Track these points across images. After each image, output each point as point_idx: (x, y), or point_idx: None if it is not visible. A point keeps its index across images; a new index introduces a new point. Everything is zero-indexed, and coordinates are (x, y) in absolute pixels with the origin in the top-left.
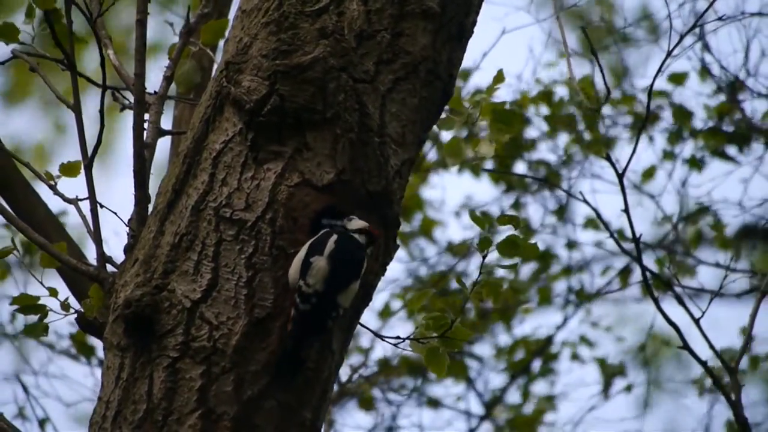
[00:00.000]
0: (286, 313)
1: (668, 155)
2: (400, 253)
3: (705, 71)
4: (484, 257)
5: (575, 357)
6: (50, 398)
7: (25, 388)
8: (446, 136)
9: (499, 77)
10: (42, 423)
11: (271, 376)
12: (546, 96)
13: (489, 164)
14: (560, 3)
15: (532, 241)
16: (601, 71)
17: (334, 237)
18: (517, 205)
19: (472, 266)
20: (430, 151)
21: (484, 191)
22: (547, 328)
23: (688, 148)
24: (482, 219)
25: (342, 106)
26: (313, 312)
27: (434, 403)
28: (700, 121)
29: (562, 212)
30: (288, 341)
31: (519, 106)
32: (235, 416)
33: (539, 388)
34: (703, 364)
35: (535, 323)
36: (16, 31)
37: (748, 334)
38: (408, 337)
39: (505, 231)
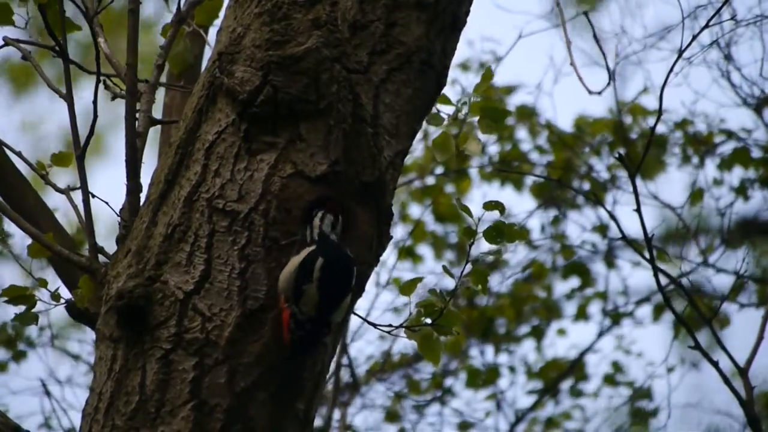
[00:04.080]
0: (277, 313)
1: (717, 182)
2: (434, 264)
3: (758, 110)
4: (470, 246)
5: (609, 380)
6: (76, 410)
7: (48, 395)
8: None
9: (488, 75)
10: None
11: (265, 369)
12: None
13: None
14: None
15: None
16: (603, 54)
17: (321, 261)
18: (557, 220)
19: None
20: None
21: (525, 205)
22: (580, 348)
23: (736, 175)
24: (468, 208)
25: (335, 96)
26: (308, 335)
27: (464, 426)
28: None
29: (603, 229)
30: (286, 362)
31: (580, 129)
32: (228, 408)
33: (567, 407)
34: (715, 364)
35: (567, 343)
36: (10, 12)
37: (759, 335)
38: (401, 325)
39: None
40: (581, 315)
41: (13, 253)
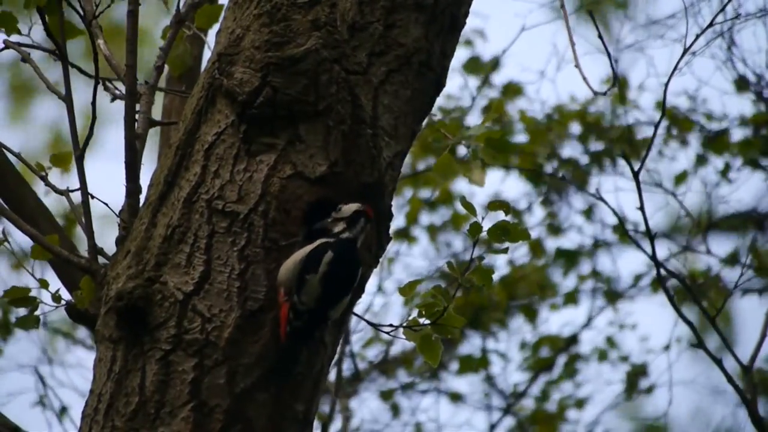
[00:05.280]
0: (277, 309)
1: (701, 160)
2: (427, 247)
3: (744, 84)
4: (474, 243)
5: (603, 357)
6: (67, 388)
7: (42, 379)
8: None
9: (499, 107)
10: (61, 413)
11: (264, 370)
12: (581, 114)
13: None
14: None
15: (560, 241)
16: (609, 57)
17: (330, 255)
18: (546, 202)
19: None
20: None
21: (514, 187)
22: (573, 326)
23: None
24: (472, 206)
25: (334, 98)
26: (305, 327)
27: (456, 397)
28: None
29: (589, 212)
30: (281, 353)
31: (555, 123)
32: (227, 409)
33: (563, 385)
34: (718, 362)
35: (560, 320)
36: (15, 20)
37: (762, 332)
38: (401, 325)
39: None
40: (571, 299)
41: (15, 253)
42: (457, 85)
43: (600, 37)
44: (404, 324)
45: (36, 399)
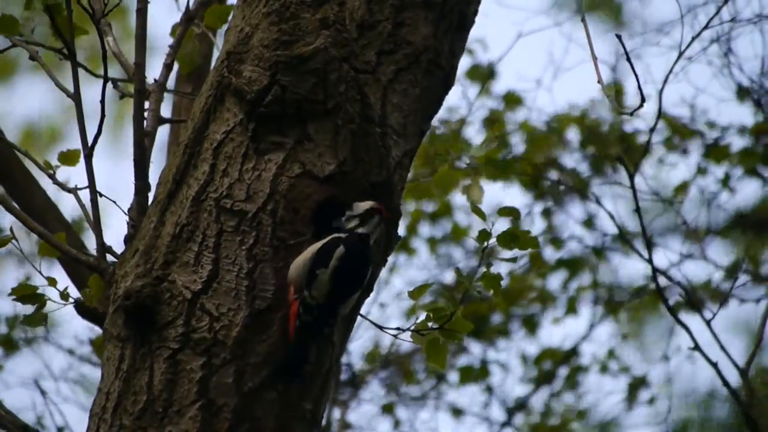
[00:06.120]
0: (286, 307)
1: (701, 170)
2: (427, 259)
3: (745, 92)
4: (483, 250)
5: (604, 369)
6: (70, 403)
7: (43, 393)
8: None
9: (498, 127)
10: (60, 430)
11: (273, 371)
12: (580, 120)
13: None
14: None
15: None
16: (636, 78)
17: (341, 249)
18: (547, 213)
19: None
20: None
21: (515, 198)
22: (573, 337)
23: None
24: (482, 211)
25: (343, 96)
26: (314, 322)
27: (456, 412)
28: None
29: (590, 223)
30: (290, 349)
31: (554, 129)
32: (235, 408)
33: (563, 397)
34: (714, 365)
35: (561, 332)
36: (16, 23)
37: (758, 335)
38: (408, 329)
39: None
40: (572, 309)
41: (23, 251)
42: (456, 95)
43: (629, 60)
44: (412, 327)
45: (39, 412)
